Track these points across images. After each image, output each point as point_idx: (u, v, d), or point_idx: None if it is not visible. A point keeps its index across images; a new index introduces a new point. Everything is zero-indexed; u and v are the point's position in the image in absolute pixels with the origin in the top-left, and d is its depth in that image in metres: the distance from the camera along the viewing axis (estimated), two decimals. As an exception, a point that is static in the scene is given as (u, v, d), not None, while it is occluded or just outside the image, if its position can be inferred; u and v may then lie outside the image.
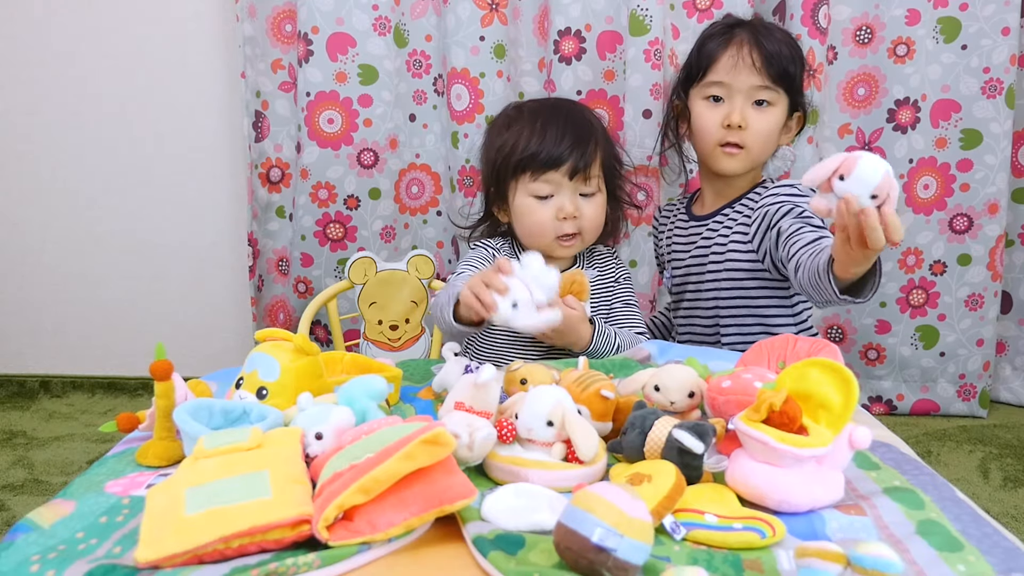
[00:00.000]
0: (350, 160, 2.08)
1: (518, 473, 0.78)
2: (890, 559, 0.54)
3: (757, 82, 1.35)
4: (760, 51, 1.35)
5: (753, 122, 1.36)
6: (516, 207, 1.35)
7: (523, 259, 1.08)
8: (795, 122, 1.44)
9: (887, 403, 2.17)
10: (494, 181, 1.39)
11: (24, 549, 0.65)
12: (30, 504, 1.64)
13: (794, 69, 1.38)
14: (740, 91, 1.36)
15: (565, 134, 1.30)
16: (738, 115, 1.36)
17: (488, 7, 2.01)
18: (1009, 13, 1.92)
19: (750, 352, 1.02)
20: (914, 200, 2.04)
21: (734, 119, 1.36)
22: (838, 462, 0.73)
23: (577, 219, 1.32)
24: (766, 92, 1.36)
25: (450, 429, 0.74)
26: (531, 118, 1.34)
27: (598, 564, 0.57)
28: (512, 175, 1.33)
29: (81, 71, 2.25)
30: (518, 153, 1.31)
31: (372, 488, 0.65)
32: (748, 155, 1.39)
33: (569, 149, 1.29)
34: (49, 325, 2.42)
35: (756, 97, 1.36)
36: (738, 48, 1.36)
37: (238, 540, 0.62)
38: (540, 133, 1.31)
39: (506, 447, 0.81)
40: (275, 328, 1.00)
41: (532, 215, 1.33)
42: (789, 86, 1.38)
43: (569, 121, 1.33)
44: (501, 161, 1.34)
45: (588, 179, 1.32)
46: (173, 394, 0.85)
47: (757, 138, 1.37)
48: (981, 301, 2.07)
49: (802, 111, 1.44)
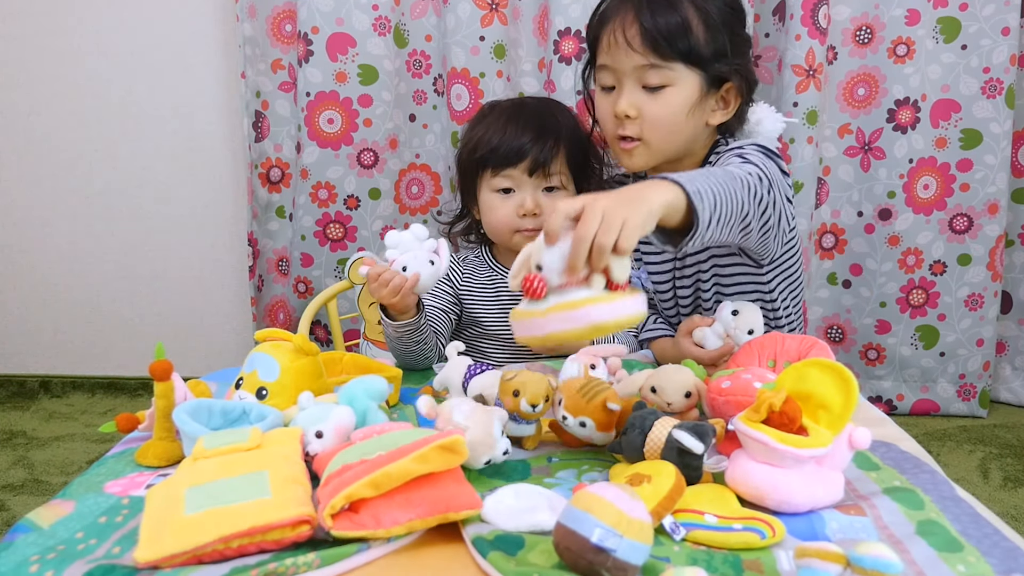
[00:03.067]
0: (350, 160, 2.08)
1: (579, 317, 0.74)
2: (890, 559, 0.54)
3: (640, 62, 1.13)
4: (637, 26, 1.12)
5: (646, 110, 1.15)
6: (482, 203, 1.36)
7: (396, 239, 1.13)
8: (731, 94, 1.19)
9: (887, 403, 2.17)
10: (462, 178, 1.40)
11: (23, 549, 0.65)
12: (30, 504, 1.64)
13: (696, 38, 1.13)
14: (626, 74, 1.15)
15: (526, 130, 1.29)
16: (624, 103, 1.15)
17: (488, 7, 2.01)
18: (1009, 13, 1.92)
19: (741, 352, 1.02)
20: (914, 200, 2.04)
21: (620, 108, 1.15)
22: (838, 462, 0.73)
23: (538, 215, 1.31)
24: (654, 73, 1.13)
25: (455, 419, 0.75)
26: (498, 116, 1.34)
27: (597, 564, 0.57)
28: (477, 171, 1.34)
29: (81, 71, 2.25)
30: (480, 149, 1.31)
31: (383, 484, 0.65)
32: (647, 148, 1.18)
33: (530, 144, 1.28)
34: (49, 325, 2.42)
35: (644, 81, 1.14)
36: (617, 24, 1.15)
37: (238, 540, 0.62)
38: (502, 129, 1.30)
39: (543, 301, 0.77)
40: (275, 328, 1.00)
41: (494, 211, 1.33)
42: (689, 58, 1.13)
43: (532, 117, 1.31)
44: (466, 157, 1.35)
45: (549, 175, 1.30)
46: (173, 394, 0.85)
47: (655, 127, 1.16)
48: (981, 301, 2.07)
49: (739, 80, 1.17)
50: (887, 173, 2.02)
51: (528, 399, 0.85)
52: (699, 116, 1.18)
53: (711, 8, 1.14)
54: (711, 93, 1.17)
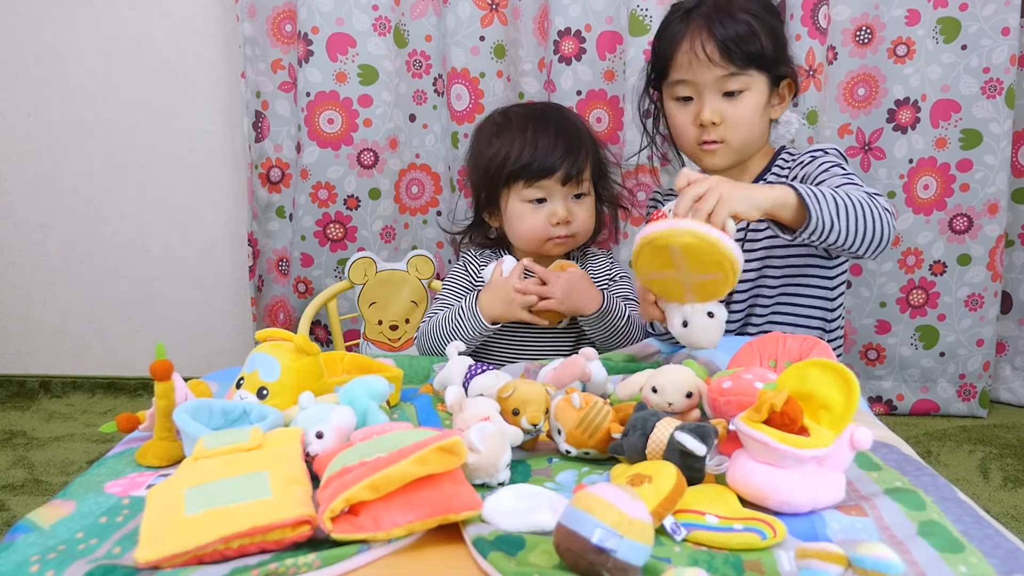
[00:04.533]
0: (350, 160, 2.08)
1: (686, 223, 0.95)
2: (891, 560, 0.54)
3: (720, 73, 1.24)
4: (713, 41, 1.23)
5: (728, 115, 1.26)
6: (509, 213, 1.38)
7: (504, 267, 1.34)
8: (786, 90, 1.33)
9: (887, 403, 2.17)
10: (485, 188, 1.40)
11: (24, 549, 0.65)
12: (30, 504, 1.64)
13: (762, 44, 1.25)
14: (706, 86, 1.26)
15: (557, 143, 1.33)
16: (708, 112, 1.26)
17: (488, 7, 2.01)
18: (1009, 13, 1.92)
19: (741, 352, 1.02)
20: (914, 200, 2.04)
21: (705, 117, 1.26)
22: (839, 463, 0.73)
23: (570, 223, 1.36)
24: (734, 81, 1.25)
25: (465, 434, 0.74)
26: (521, 126, 1.36)
27: (598, 565, 0.57)
28: (505, 183, 1.36)
29: (81, 71, 2.25)
30: (511, 163, 1.33)
31: (382, 486, 0.65)
32: (729, 148, 1.29)
33: (562, 158, 1.32)
34: (49, 325, 2.42)
35: (725, 89, 1.26)
36: (691, 41, 1.25)
37: (238, 540, 0.62)
38: (532, 143, 1.33)
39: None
40: (275, 328, 1.00)
41: (525, 220, 1.36)
42: (762, 63, 1.26)
43: (560, 129, 1.35)
44: (494, 170, 1.36)
45: (580, 183, 1.36)
46: (173, 394, 0.85)
47: (736, 130, 1.27)
48: (981, 301, 2.07)
49: (791, 77, 1.32)
50: (887, 173, 2.02)
51: (528, 418, 0.85)
52: (767, 113, 1.31)
53: (759, 12, 1.27)
54: (773, 91, 1.31)
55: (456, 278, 1.47)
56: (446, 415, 0.98)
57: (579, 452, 0.84)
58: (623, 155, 1.91)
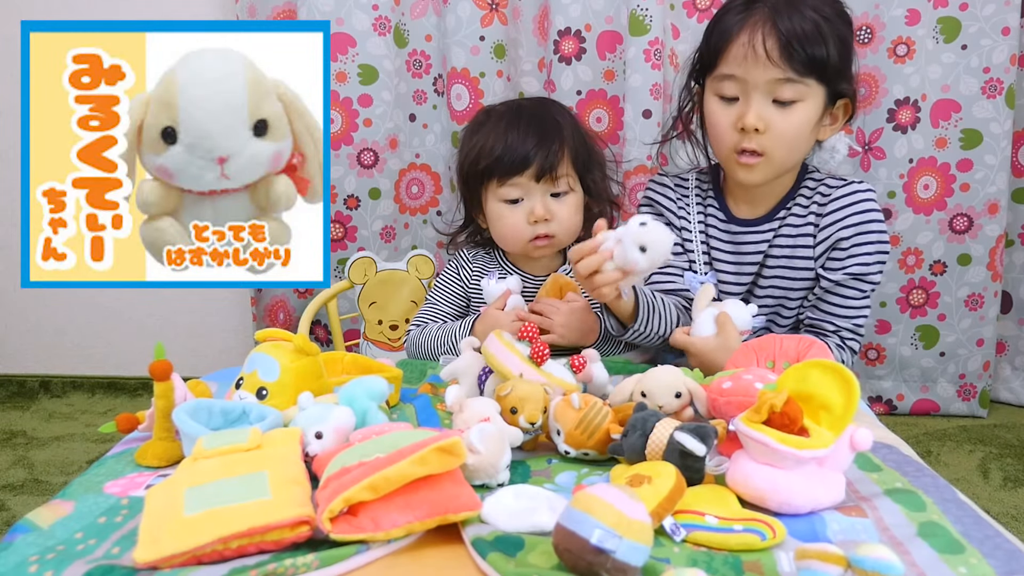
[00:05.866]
0: (350, 160, 2.08)
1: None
2: (891, 561, 0.54)
3: (776, 75, 1.10)
4: (776, 36, 1.08)
5: (774, 124, 1.12)
6: (490, 214, 1.33)
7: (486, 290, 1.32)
8: (841, 111, 1.19)
9: (887, 403, 2.17)
10: (466, 188, 1.37)
11: (23, 549, 0.65)
12: (30, 504, 1.64)
13: (828, 50, 1.10)
14: (756, 87, 1.11)
15: (528, 135, 1.27)
16: (753, 116, 1.11)
17: (488, 7, 2.01)
18: (1009, 13, 1.92)
19: (738, 353, 1.02)
20: (914, 200, 2.04)
21: (749, 121, 1.12)
22: (839, 463, 0.73)
23: (549, 221, 1.29)
24: (788, 88, 1.11)
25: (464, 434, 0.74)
26: (496, 121, 1.31)
27: (597, 565, 0.57)
28: (481, 181, 1.32)
29: (81, 71, 2.25)
30: (484, 158, 1.29)
31: (381, 487, 0.65)
32: (769, 163, 1.15)
33: (534, 150, 1.25)
34: (49, 325, 2.42)
35: (776, 95, 1.11)
36: (751, 33, 1.10)
37: (237, 541, 0.62)
38: (503, 136, 1.28)
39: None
40: (275, 328, 1.00)
41: (504, 220, 1.31)
42: (823, 74, 1.11)
43: (532, 122, 1.29)
44: (468, 167, 1.33)
45: (557, 179, 1.28)
46: (172, 394, 0.85)
47: (780, 143, 1.13)
48: (981, 301, 2.07)
49: (849, 97, 1.18)
50: (887, 173, 2.02)
51: (526, 417, 0.85)
52: (815, 132, 1.17)
53: (831, 15, 1.14)
54: (827, 109, 1.17)
55: (447, 283, 1.43)
56: (445, 415, 0.98)
57: (578, 453, 0.84)
58: (623, 155, 1.91)
